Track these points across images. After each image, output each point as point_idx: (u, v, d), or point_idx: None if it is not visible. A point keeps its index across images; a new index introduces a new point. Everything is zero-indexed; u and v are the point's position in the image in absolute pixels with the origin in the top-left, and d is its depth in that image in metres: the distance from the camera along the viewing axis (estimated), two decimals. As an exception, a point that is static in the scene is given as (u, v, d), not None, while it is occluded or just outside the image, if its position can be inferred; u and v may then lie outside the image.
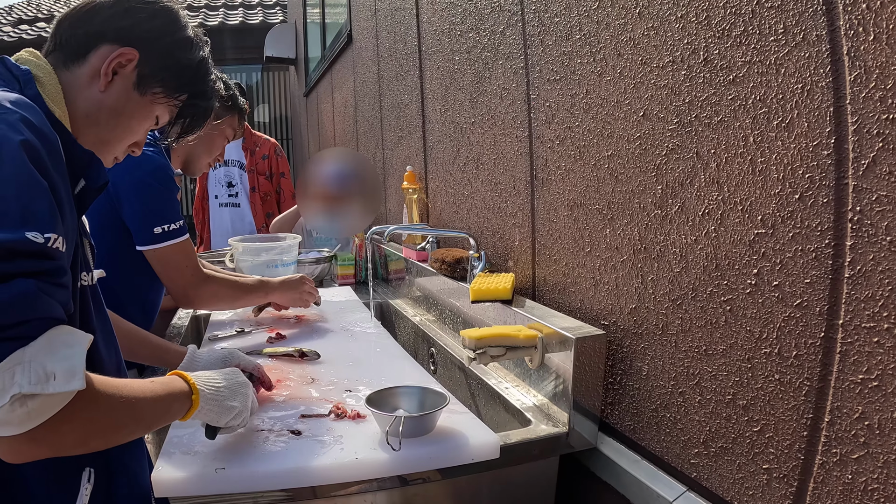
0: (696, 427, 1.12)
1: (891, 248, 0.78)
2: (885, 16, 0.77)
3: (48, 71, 1.09)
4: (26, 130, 0.89)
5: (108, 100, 1.14)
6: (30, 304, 0.83)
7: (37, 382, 0.81)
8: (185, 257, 1.92)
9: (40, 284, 0.84)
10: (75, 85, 1.12)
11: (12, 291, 0.82)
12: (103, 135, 1.16)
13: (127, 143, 1.22)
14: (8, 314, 0.81)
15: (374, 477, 1.19)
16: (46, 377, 0.82)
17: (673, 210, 1.13)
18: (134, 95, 1.17)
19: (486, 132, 1.88)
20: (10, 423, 0.82)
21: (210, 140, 2.28)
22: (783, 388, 0.94)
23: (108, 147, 1.19)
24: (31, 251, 0.84)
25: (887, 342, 0.79)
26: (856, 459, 0.84)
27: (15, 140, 0.87)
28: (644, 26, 1.17)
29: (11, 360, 0.81)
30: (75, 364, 0.86)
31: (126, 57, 1.14)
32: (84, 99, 1.13)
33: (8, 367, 0.81)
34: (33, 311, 0.84)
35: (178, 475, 1.15)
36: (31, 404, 0.82)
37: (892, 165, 0.77)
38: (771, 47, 0.92)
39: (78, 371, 0.86)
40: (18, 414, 0.81)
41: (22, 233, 0.84)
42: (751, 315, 0.99)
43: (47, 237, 0.86)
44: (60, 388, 0.84)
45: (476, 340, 1.38)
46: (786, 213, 0.92)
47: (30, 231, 0.85)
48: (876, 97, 0.78)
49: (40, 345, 0.83)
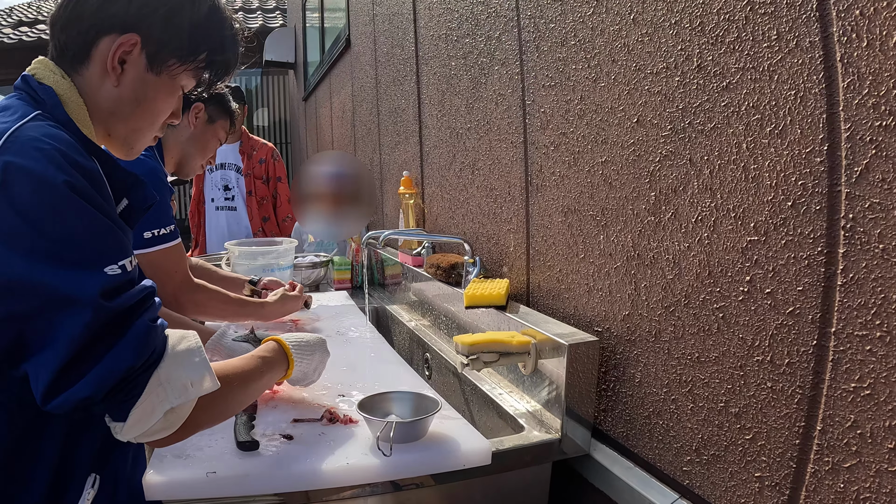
0: (688, 434, 1.11)
1: (884, 256, 0.78)
2: (878, 22, 0.76)
3: (68, 86, 1.07)
4: (67, 167, 0.93)
5: (126, 92, 1.11)
6: (151, 337, 0.96)
7: (181, 395, 0.97)
8: (175, 262, 1.92)
9: (147, 316, 0.97)
10: (90, 87, 1.09)
11: (137, 335, 0.94)
12: (133, 125, 1.14)
13: (160, 122, 1.19)
14: (141, 355, 0.94)
15: (364, 482, 1.19)
16: (185, 388, 0.98)
17: (666, 217, 1.13)
18: (150, 78, 1.12)
19: (482, 137, 1.88)
20: (167, 428, 0.98)
21: (203, 142, 2.27)
22: (775, 396, 0.94)
23: (143, 132, 1.17)
24: (119, 284, 0.94)
25: (880, 350, 0.79)
26: (848, 468, 0.84)
27: (59, 179, 0.91)
28: (638, 32, 1.17)
29: (153, 384, 0.95)
30: (205, 370, 1.02)
31: (128, 44, 1.08)
32: (103, 98, 1.10)
33: (152, 390, 0.94)
34: (155, 339, 0.97)
35: (170, 479, 1.15)
36: (179, 410, 0.98)
37: (886, 173, 0.77)
38: (764, 54, 0.92)
39: (209, 374, 1.02)
40: (171, 420, 0.98)
41: (101, 271, 0.93)
42: (743, 322, 0.98)
43: (122, 264, 0.96)
44: (199, 392, 1.00)
45: (469, 346, 1.37)
46: (778, 221, 0.91)
47: (106, 266, 0.93)
48: (869, 104, 0.78)
49: (169, 362, 0.97)
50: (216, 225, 4.39)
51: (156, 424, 0.96)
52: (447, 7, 2.11)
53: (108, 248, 0.95)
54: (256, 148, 4.39)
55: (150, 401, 0.94)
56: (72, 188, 0.91)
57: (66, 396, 0.89)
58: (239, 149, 4.37)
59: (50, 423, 1.02)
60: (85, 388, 0.89)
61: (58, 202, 0.90)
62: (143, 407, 0.94)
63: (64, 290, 0.89)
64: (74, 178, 0.92)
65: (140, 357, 0.93)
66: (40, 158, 0.91)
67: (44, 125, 0.97)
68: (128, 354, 0.92)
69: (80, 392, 0.89)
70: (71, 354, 0.88)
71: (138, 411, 0.94)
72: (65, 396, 0.89)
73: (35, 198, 0.90)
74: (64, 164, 0.92)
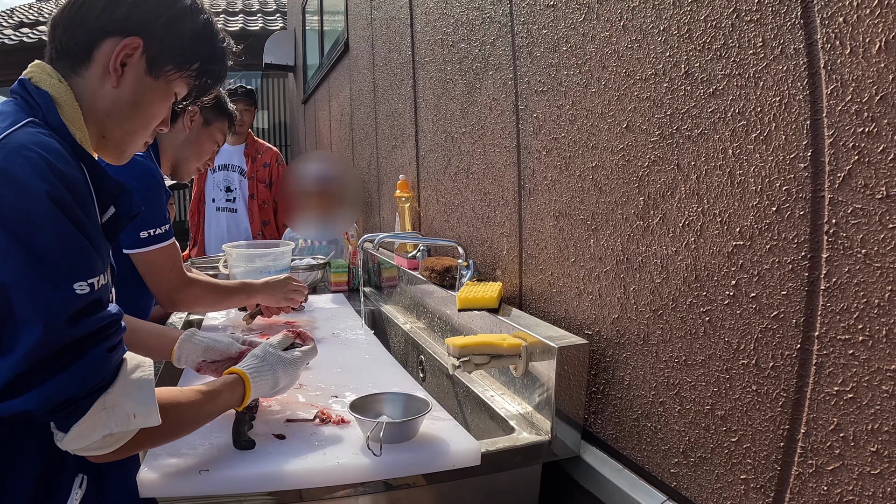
0: (675, 437, 1.12)
1: (866, 261, 0.79)
2: (861, 30, 0.77)
3: (64, 90, 1.09)
4: (51, 177, 0.94)
5: (125, 93, 1.14)
6: (104, 366, 0.98)
7: (122, 423, 0.98)
8: (170, 261, 1.93)
9: (106, 344, 0.98)
10: (89, 88, 1.12)
11: (88, 365, 0.95)
12: (128, 127, 1.17)
13: (153, 127, 1.22)
14: (88, 384, 0.95)
15: (355, 481, 1.20)
16: (128, 418, 0.99)
17: (654, 221, 1.14)
18: (148, 81, 1.16)
19: (476, 142, 1.89)
20: (106, 447, 1.00)
21: (199, 144, 2.28)
22: (760, 399, 0.95)
23: (136, 136, 1.20)
24: (86, 305, 0.95)
25: (862, 354, 0.80)
26: (831, 471, 0.85)
27: (41, 189, 0.92)
28: (628, 39, 1.18)
29: (97, 408, 0.96)
30: (150, 405, 1.03)
31: (131, 47, 1.12)
32: (101, 99, 1.12)
33: (95, 412, 0.96)
34: (108, 368, 0.99)
35: (164, 476, 1.16)
36: (117, 436, 1.00)
37: (868, 178, 0.78)
38: (750, 60, 0.93)
39: (153, 410, 1.03)
40: (110, 442, 0.99)
41: (70, 287, 0.94)
42: (729, 326, 0.99)
43: (91, 282, 0.97)
44: (141, 424, 1.01)
45: (460, 348, 1.38)
46: (763, 226, 0.92)
47: (76, 282, 0.94)
48: (852, 110, 0.79)
49: (117, 389, 0.99)
50: (215, 226, 4.40)
51: (93, 444, 0.98)
52: (443, 12, 2.12)
53: (80, 266, 0.96)
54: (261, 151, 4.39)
55: (92, 421, 0.96)
56: (53, 199, 0.93)
57: (8, 406, 0.91)
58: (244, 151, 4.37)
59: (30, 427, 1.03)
60: (26, 402, 0.91)
61: (38, 213, 0.92)
62: (84, 426, 0.96)
63: (30, 305, 0.91)
64: (57, 188, 0.94)
65: (86, 385, 0.95)
66: (25, 166, 0.92)
67: (34, 132, 0.98)
68: (74, 382, 0.93)
69: (21, 405, 0.91)
70: (22, 369, 0.90)
71: (79, 429, 0.96)
72: (7, 405, 0.91)
73: (17, 206, 0.91)
74: (48, 173, 0.93)
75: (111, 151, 1.19)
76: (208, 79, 1.27)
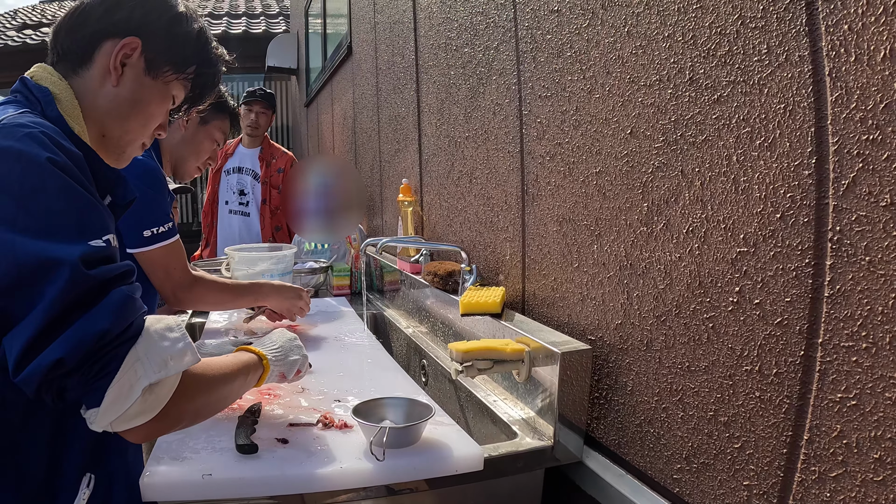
0: (678, 443, 1.12)
1: (870, 268, 0.79)
2: (866, 37, 0.78)
3: (64, 87, 1.13)
4: (51, 145, 0.95)
5: (124, 92, 1.17)
6: (129, 308, 0.94)
7: (159, 369, 0.95)
8: (174, 259, 1.92)
9: (126, 288, 0.95)
10: (90, 88, 1.16)
11: (114, 301, 0.92)
12: (127, 125, 1.20)
13: (151, 129, 1.25)
14: (118, 322, 0.92)
15: (357, 486, 1.20)
16: (164, 362, 0.96)
17: (658, 227, 1.14)
18: (147, 81, 1.20)
19: (480, 147, 1.89)
20: (146, 412, 0.95)
21: (195, 144, 2.28)
22: (763, 406, 0.95)
23: (136, 135, 1.23)
24: (102, 257, 0.94)
25: (866, 361, 0.80)
26: (834, 478, 0.85)
27: (42, 156, 0.93)
28: (632, 45, 1.18)
29: (129, 360, 0.92)
30: (185, 344, 1.00)
31: (130, 46, 1.17)
32: (102, 98, 1.16)
33: (129, 365, 0.92)
34: (133, 312, 0.95)
35: (167, 480, 1.16)
36: (158, 390, 0.95)
37: (872, 186, 0.78)
38: (755, 67, 0.93)
39: (189, 349, 1.00)
40: (150, 402, 0.94)
41: (85, 242, 0.93)
42: (732, 332, 0.99)
43: (106, 239, 0.96)
44: (179, 367, 0.98)
45: (463, 353, 1.38)
46: (767, 232, 0.93)
47: (90, 239, 0.94)
48: (857, 118, 0.79)
49: (147, 338, 0.95)
50: (227, 228, 4.38)
51: (133, 406, 0.92)
52: (447, 17, 2.12)
53: (92, 223, 0.96)
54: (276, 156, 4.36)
55: (128, 377, 0.91)
56: (55, 164, 0.94)
57: (37, 363, 0.86)
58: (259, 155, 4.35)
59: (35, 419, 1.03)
60: (56, 351, 0.86)
61: (41, 177, 0.93)
62: (120, 384, 0.91)
63: (45, 256, 0.89)
64: (58, 156, 0.95)
65: (116, 324, 0.91)
66: (24, 138, 0.94)
67: (32, 115, 1.01)
68: (103, 319, 0.90)
69: (50, 355, 0.86)
70: (46, 320, 0.87)
71: (114, 390, 0.90)
72: (36, 363, 0.86)
73: (18, 174, 0.92)
74: (48, 143, 0.95)
75: (111, 151, 1.21)
76: (204, 82, 1.32)
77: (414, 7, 2.48)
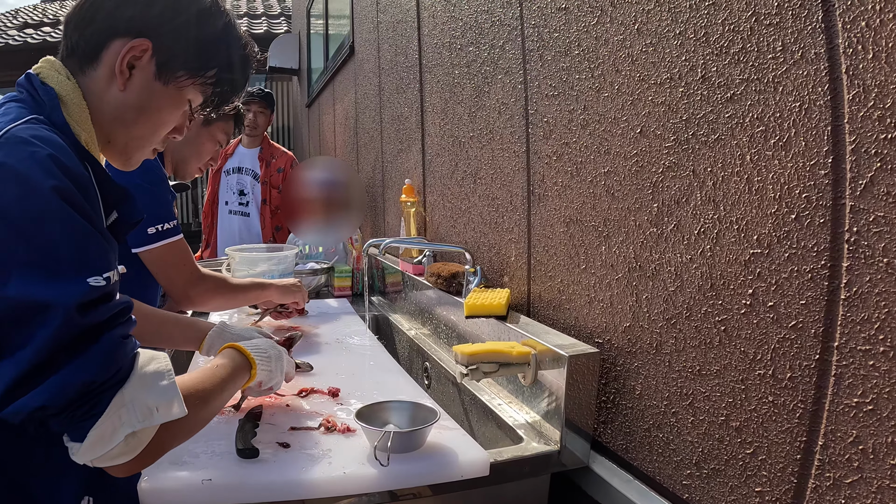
0: (688, 448, 1.10)
1: (888, 270, 0.77)
2: (884, 34, 0.76)
3: (71, 88, 1.05)
4: (57, 172, 0.89)
5: (131, 97, 1.08)
6: (118, 353, 0.92)
7: (144, 419, 0.92)
8: (181, 256, 1.91)
9: (119, 330, 0.93)
10: (96, 89, 1.07)
11: (103, 349, 0.89)
12: (135, 132, 1.11)
13: (163, 134, 1.16)
14: (105, 370, 0.90)
15: (361, 492, 1.18)
16: (150, 412, 0.93)
17: (668, 228, 1.12)
18: (157, 87, 1.10)
19: (485, 147, 1.88)
20: (127, 453, 0.93)
21: (197, 145, 2.26)
22: (777, 411, 0.93)
23: (144, 142, 1.14)
24: (99, 297, 0.90)
25: (883, 366, 0.78)
26: (849, 484, 0.83)
27: (46, 184, 0.88)
28: (642, 42, 1.16)
29: (115, 405, 0.90)
30: (172, 395, 0.97)
31: (138, 49, 1.06)
32: (107, 102, 1.07)
33: (114, 411, 0.90)
34: (123, 357, 0.93)
35: (165, 486, 1.14)
36: (140, 434, 0.93)
37: (891, 186, 0.76)
38: (769, 65, 0.91)
39: (176, 399, 0.97)
40: (132, 444, 0.92)
41: (84, 280, 0.89)
42: (745, 336, 0.98)
43: (106, 277, 0.92)
44: (165, 418, 0.95)
45: (468, 356, 1.36)
46: (782, 234, 0.91)
47: (89, 276, 0.90)
48: (874, 116, 0.78)
49: (135, 383, 0.93)
50: (228, 229, 4.37)
51: (115, 448, 0.91)
52: (451, 15, 2.11)
53: (93, 259, 0.91)
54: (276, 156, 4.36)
55: (111, 422, 0.90)
56: (59, 194, 0.88)
57: (21, 403, 0.85)
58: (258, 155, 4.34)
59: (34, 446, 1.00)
60: (40, 396, 0.85)
61: (43, 209, 0.87)
62: (103, 428, 0.89)
63: (41, 297, 0.85)
64: (63, 183, 0.89)
65: (104, 372, 0.89)
66: (29, 161, 0.88)
67: (37, 127, 0.94)
68: (91, 367, 0.88)
69: (34, 400, 0.85)
70: (34, 362, 0.85)
71: (97, 432, 0.89)
72: (20, 403, 0.85)
73: (20, 203, 0.87)
74: (53, 168, 0.89)
75: (117, 157, 1.14)
76: (226, 87, 1.20)
77: (417, 6, 2.47)
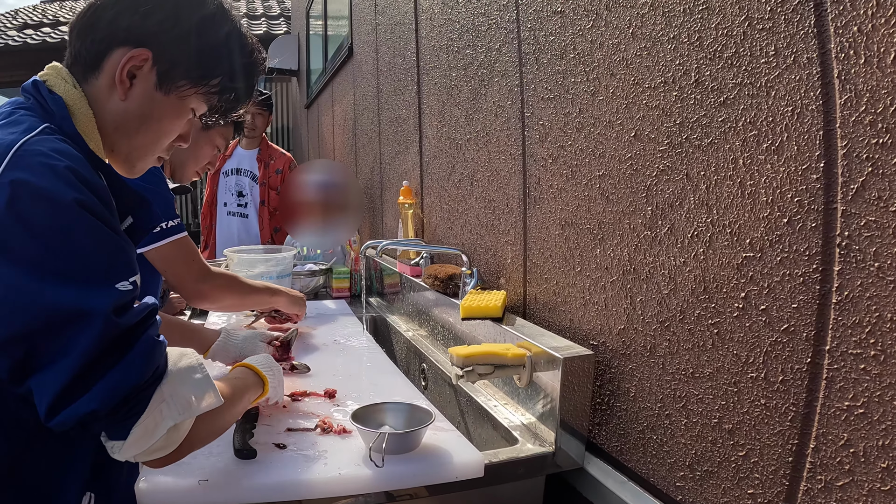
0: (682, 450, 1.11)
1: (879, 274, 0.77)
2: (876, 39, 0.76)
3: (78, 97, 1.05)
4: (77, 184, 0.91)
5: (132, 107, 1.08)
6: (156, 353, 0.96)
7: (184, 411, 0.97)
8: (188, 251, 1.90)
9: (152, 331, 0.96)
10: (98, 98, 1.07)
11: (142, 350, 0.93)
12: (137, 141, 1.11)
13: (166, 143, 1.15)
14: (147, 370, 0.93)
15: (356, 493, 1.18)
16: (189, 404, 0.98)
17: (662, 231, 1.13)
18: (158, 97, 1.09)
19: (481, 149, 1.88)
20: (168, 447, 0.97)
21: (196, 148, 2.25)
22: (769, 413, 0.93)
23: (147, 151, 1.14)
24: (129, 301, 0.94)
25: (874, 369, 0.78)
26: (840, 487, 0.83)
27: (69, 196, 0.90)
28: (637, 46, 1.17)
29: (155, 400, 0.94)
30: (208, 387, 1.02)
31: (139, 59, 1.06)
32: (109, 111, 1.07)
33: (154, 406, 0.94)
34: (159, 356, 0.97)
35: (162, 486, 1.15)
36: (181, 426, 0.97)
37: (882, 190, 0.77)
38: (762, 69, 0.92)
39: (212, 390, 1.03)
40: (173, 438, 0.97)
41: (114, 286, 0.92)
42: (738, 339, 0.98)
43: (133, 281, 0.95)
44: (203, 408, 1.00)
45: (464, 358, 1.37)
46: (774, 237, 0.91)
47: (118, 282, 0.93)
48: (866, 121, 0.78)
49: (172, 379, 0.97)
50: (226, 230, 4.37)
51: (157, 442, 0.95)
52: (448, 18, 2.11)
53: (120, 265, 0.94)
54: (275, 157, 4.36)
55: (153, 418, 0.93)
56: (82, 206, 0.90)
57: (72, 410, 0.87)
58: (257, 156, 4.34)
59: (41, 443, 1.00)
60: (90, 402, 0.87)
61: (69, 221, 0.89)
62: (146, 424, 0.93)
63: (76, 305, 0.87)
64: (85, 195, 0.91)
65: (145, 373, 0.92)
66: (49, 175, 0.89)
67: (52, 139, 0.95)
68: (134, 370, 0.91)
69: (85, 406, 0.87)
70: (79, 369, 0.87)
71: (140, 429, 0.92)
72: (70, 410, 0.87)
73: (46, 217, 0.88)
74: (74, 181, 0.91)
75: (120, 164, 1.13)
76: (231, 95, 1.18)
77: (415, 8, 2.47)
